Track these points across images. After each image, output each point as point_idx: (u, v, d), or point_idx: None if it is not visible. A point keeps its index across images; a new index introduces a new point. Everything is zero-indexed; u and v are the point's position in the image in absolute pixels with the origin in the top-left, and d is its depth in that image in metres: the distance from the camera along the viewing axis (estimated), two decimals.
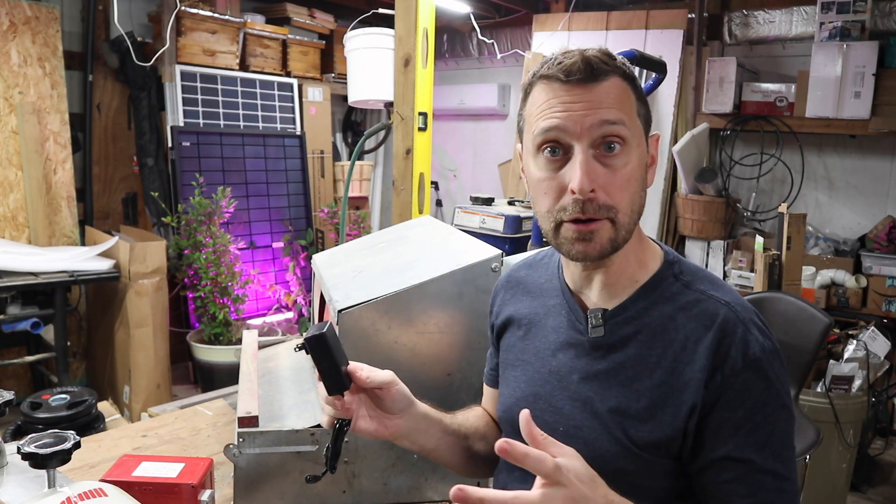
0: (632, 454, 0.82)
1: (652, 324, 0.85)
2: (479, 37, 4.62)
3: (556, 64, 0.81)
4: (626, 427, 0.82)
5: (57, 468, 0.89)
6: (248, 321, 3.99)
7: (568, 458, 0.68)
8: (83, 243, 3.59)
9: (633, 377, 0.84)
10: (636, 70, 0.90)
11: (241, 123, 4.23)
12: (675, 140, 3.89)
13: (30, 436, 0.91)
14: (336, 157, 5.01)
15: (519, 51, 4.77)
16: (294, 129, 4.51)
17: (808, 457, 2.10)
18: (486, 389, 1.12)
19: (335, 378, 0.85)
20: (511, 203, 2.26)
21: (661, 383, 0.82)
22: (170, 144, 3.89)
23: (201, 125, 4.03)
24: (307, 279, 4.30)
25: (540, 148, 0.83)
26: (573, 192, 0.79)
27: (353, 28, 3.79)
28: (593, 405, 0.86)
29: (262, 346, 1.70)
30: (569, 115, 0.80)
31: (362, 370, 0.88)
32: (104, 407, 2.53)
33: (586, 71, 0.79)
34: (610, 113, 0.79)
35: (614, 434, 0.83)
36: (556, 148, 0.81)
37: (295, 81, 4.50)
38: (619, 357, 0.85)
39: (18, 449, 0.89)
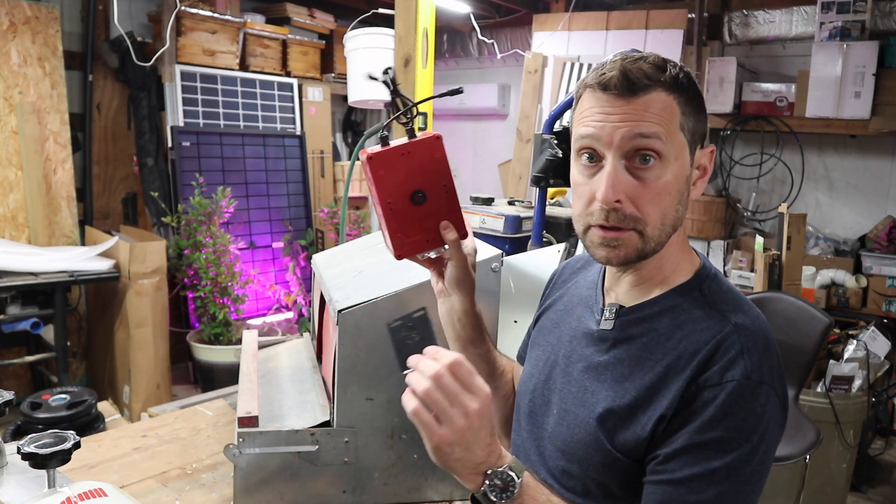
0: (603, 449, 0.83)
1: (660, 329, 0.85)
2: (479, 37, 4.62)
3: (599, 74, 0.82)
4: (604, 421, 0.84)
5: (57, 468, 0.89)
6: (248, 321, 3.99)
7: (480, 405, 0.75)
8: (83, 243, 3.59)
9: (626, 375, 0.85)
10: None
11: (241, 123, 4.23)
12: None
13: (30, 436, 0.91)
14: (336, 157, 5.01)
15: (519, 51, 4.76)
16: (294, 129, 4.51)
17: (808, 457, 2.11)
18: (516, 365, 1.15)
19: None
20: (511, 203, 2.26)
21: (648, 386, 0.82)
22: (170, 144, 3.89)
23: (201, 125, 4.02)
24: (307, 279, 4.30)
25: (579, 153, 0.86)
26: (600, 202, 0.82)
27: (353, 28, 3.79)
28: (584, 394, 0.88)
29: (262, 346, 1.70)
30: (603, 125, 0.81)
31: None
32: (104, 407, 2.53)
33: (622, 86, 0.80)
34: (644, 126, 0.80)
35: (591, 425, 0.85)
36: (593, 155, 0.83)
37: (295, 81, 4.50)
38: (619, 353, 0.87)
39: (18, 449, 0.89)
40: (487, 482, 0.77)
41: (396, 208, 0.92)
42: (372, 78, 0.99)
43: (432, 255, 0.98)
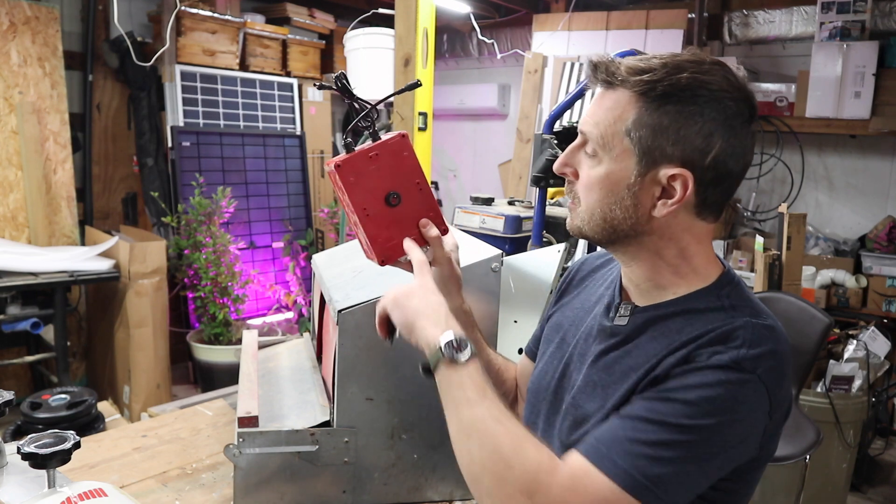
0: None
1: (672, 326, 0.83)
2: (479, 37, 4.62)
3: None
4: (610, 415, 0.82)
5: (57, 468, 0.89)
6: (248, 321, 3.99)
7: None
8: (83, 243, 3.59)
9: (633, 367, 0.83)
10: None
11: (241, 123, 4.23)
12: None
13: (30, 436, 0.91)
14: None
15: (519, 51, 4.76)
16: (294, 129, 4.51)
17: (808, 457, 2.11)
18: (523, 358, 1.15)
19: None
20: (511, 203, 2.26)
21: (647, 370, 0.81)
22: (170, 144, 3.89)
23: (201, 125, 4.03)
24: (307, 279, 4.30)
25: None
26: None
27: (353, 28, 3.79)
28: (594, 389, 0.87)
29: (262, 346, 1.70)
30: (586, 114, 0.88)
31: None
32: (104, 407, 2.53)
33: (593, 77, 0.85)
34: (589, 121, 0.85)
35: (598, 419, 0.85)
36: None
37: (295, 81, 4.50)
38: (629, 347, 0.86)
39: (18, 449, 0.89)
40: (444, 338, 0.81)
41: (372, 213, 0.91)
42: (323, 87, 0.99)
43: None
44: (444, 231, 0.96)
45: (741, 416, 0.74)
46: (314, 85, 1.01)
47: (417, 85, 1.01)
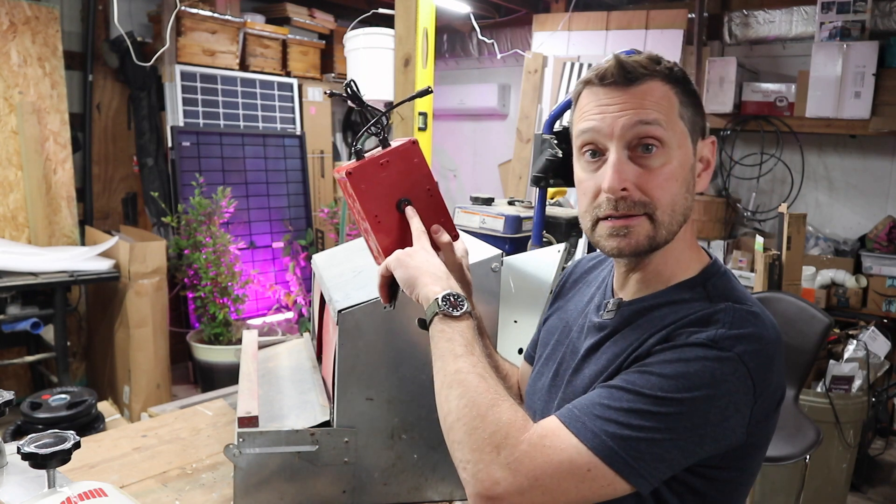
0: None
1: (655, 314, 0.84)
2: (479, 37, 4.62)
3: (596, 70, 0.84)
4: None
5: (57, 468, 0.89)
6: (248, 321, 3.99)
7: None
8: (83, 243, 3.59)
9: (617, 353, 0.84)
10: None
11: (241, 123, 4.23)
12: None
13: (30, 436, 0.91)
14: (336, 157, 5.01)
15: (519, 51, 4.76)
16: (294, 129, 4.51)
17: (808, 457, 2.11)
18: (522, 364, 1.15)
19: None
20: (511, 203, 2.26)
21: (629, 353, 0.82)
22: (170, 144, 3.89)
23: (201, 125, 4.03)
24: (307, 279, 4.30)
25: (581, 150, 0.86)
26: (606, 192, 0.81)
27: (353, 28, 3.79)
28: (584, 381, 0.88)
29: (262, 346, 1.70)
30: (603, 116, 0.81)
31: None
32: (104, 407, 2.54)
33: (619, 74, 0.81)
34: (644, 114, 0.80)
35: None
36: (595, 151, 0.84)
37: (295, 81, 4.50)
38: (616, 338, 0.87)
39: (18, 449, 0.89)
40: (442, 293, 0.84)
41: (384, 220, 0.91)
42: (333, 94, 0.98)
43: None
44: (455, 237, 0.97)
45: (720, 394, 0.74)
46: (325, 93, 1.02)
47: (428, 91, 1.01)
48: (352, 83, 0.94)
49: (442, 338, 0.83)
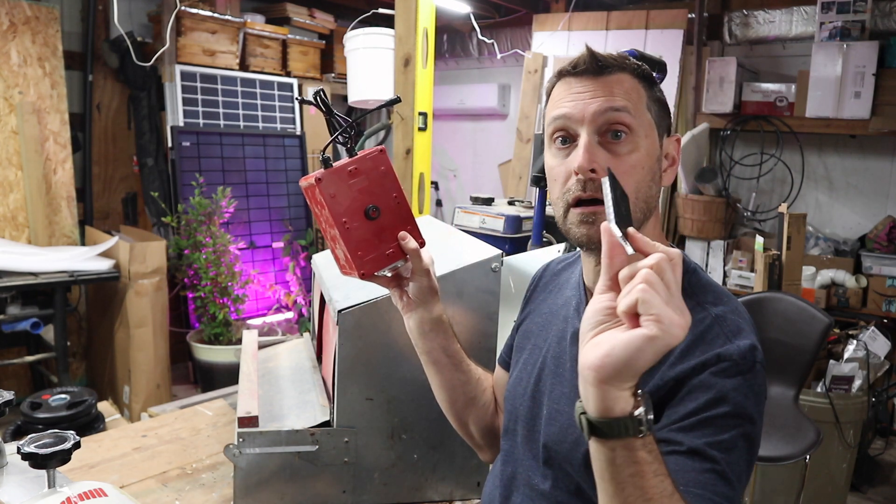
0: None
1: None
2: (479, 37, 4.62)
3: (569, 62, 0.86)
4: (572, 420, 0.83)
5: (57, 468, 0.89)
6: (248, 321, 3.99)
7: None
8: (83, 243, 3.59)
9: None
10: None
11: (241, 123, 4.23)
12: None
13: (30, 436, 0.91)
14: (336, 157, 5.01)
15: (519, 51, 4.76)
16: (294, 129, 4.51)
17: (808, 457, 2.11)
18: (497, 369, 1.15)
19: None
20: (511, 203, 2.26)
21: None
22: (170, 144, 3.89)
23: (201, 125, 4.03)
24: (307, 279, 4.30)
25: (552, 138, 0.87)
26: (576, 173, 0.83)
27: (353, 28, 3.79)
28: (574, 391, 0.85)
29: (262, 346, 1.70)
30: (575, 103, 0.84)
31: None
32: (104, 407, 2.54)
33: (591, 62, 0.84)
34: (614, 101, 0.83)
35: (565, 426, 0.86)
36: (566, 137, 0.86)
37: (295, 81, 4.50)
38: None
39: (18, 449, 0.89)
40: (643, 402, 0.63)
41: (352, 226, 0.92)
42: (304, 102, 0.99)
43: (387, 272, 0.97)
44: (422, 244, 0.97)
45: (762, 401, 0.78)
46: (296, 98, 1.03)
47: (397, 101, 1.04)
48: (321, 92, 0.96)
49: (629, 461, 0.65)
